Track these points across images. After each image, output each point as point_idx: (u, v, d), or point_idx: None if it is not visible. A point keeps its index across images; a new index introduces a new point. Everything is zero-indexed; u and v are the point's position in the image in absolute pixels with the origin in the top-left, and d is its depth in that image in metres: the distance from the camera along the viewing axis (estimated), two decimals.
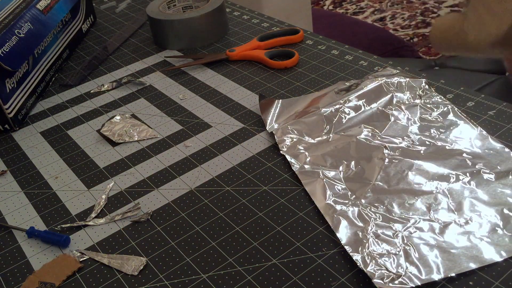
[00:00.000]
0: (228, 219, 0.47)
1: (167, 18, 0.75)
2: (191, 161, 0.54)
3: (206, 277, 0.42)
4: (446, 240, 0.41)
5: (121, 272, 0.43)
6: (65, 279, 0.43)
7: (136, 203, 0.50)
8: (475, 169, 0.47)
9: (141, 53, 0.79)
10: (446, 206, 0.44)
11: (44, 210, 0.51)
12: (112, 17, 0.93)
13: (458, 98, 0.57)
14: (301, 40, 0.75)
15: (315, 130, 0.55)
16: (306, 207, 0.47)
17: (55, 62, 0.75)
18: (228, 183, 0.51)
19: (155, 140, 0.59)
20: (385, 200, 0.45)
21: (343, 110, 0.56)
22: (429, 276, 0.38)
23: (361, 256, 0.40)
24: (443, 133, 0.52)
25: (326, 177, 0.49)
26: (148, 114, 0.64)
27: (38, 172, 0.56)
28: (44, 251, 0.46)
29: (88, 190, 0.53)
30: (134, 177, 0.53)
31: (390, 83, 0.58)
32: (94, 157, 0.57)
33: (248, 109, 0.62)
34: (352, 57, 0.69)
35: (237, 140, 0.57)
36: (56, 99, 0.70)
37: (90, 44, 0.84)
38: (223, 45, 0.77)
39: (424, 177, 0.47)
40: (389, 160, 0.49)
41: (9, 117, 0.62)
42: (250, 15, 0.85)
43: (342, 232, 0.43)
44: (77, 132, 0.62)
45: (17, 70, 0.64)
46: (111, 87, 0.70)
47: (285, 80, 0.66)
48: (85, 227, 0.48)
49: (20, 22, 0.66)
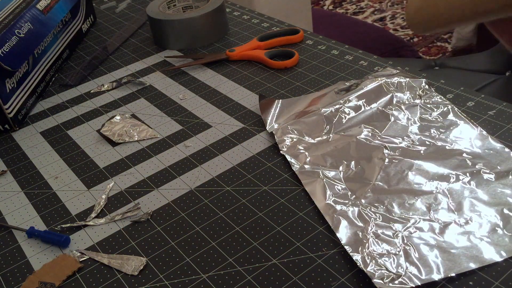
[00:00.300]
0: (228, 219, 0.47)
1: (167, 18, 0.75)
2: (191, 161, 0.54)
3: (206, 277, 0.42)
4: (446, 240, 0.41)
5: (121, 272, 0.43)
6: (65, 279, 0.43)
7: (136, 203, 0.50)
8: (475, 169, 0.47)
9: (141, 53, 0.79)
10: (446, 206, 0.44)
11: (44, 210, 0.51)
12: (112, 17, 0.93)
13: (458, 98, 0.57)
14: (301, 40, 0.75)
15: (315, 130, 0.55)
16: (306, 207, 0.47)
17: (55, 62, 0.75)
18: (228, 183, 0.51)
19: (155, 140, 0.59)
20: (385, 200, 0.45)
21: (343, 110, 0.56)
22: (429, 276, 0.38)
23: (361, 256, 0.40)
24: (443, 133, 0.52)
25: (326, 177, 0.49)
26: (148, 114, 0.64)
27: (38, 172, 0.56)
28: (44, 251, 0.46)
29: (88, 190, 0.53)
30: (134, 177, 0.53)
31: (390, 83, 0.58)
32: (94, 157, 0.57)
33: (248, 109, 0.62)
34: (352, 57, 0.69)
35: (237, 140, 0.57)
36: (56, 99, 0.70)
37: (90, 44, 0.84)
38: (223, 45, 0.77)
39: (424, 177, 0.47)
40: (389, 160, 0.49)
41: (9, 117, 0.62)
42: (250, 15, 0.85)
43: (342, 232, 0.43)
44: (77, 132, 0.62)
45: (17, 70, 0.64)
46: (111, 87, 0.70)
47: (285, 80, 0.66)
48: (85, 227, 0.48)
49: (20, 22, 0.66)
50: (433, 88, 0.59)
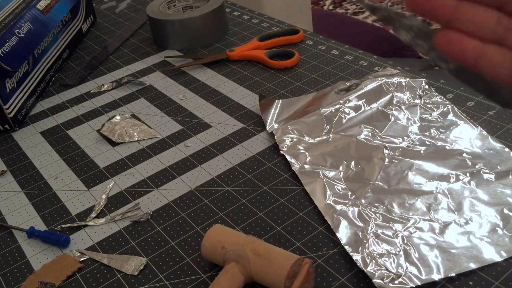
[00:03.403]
0: (228, 219, 0.47)
1: (167, 18, 0.75)
2: (191, 161, 0.54)
3: (206, 277, 0.42)
4: (446, 240, 0.41)
5: (121, 272, 0.43)
6: (65, 279, 0.43)
7: (136, 203, 0.50)
8: (475, 169, 0.47)
9: (141, 53, 0.79)
10: (446, 206, 0.44)
11: (44, 210, 0.51)
12: (112, 17, 0.93)
13: (458, 98, 0.57)
14: (301, 40, 0.75)
15: (315, 130, 0.55)
16: (306, 207, 0.47)
17: (55, 62, 0.75)
18: (228, 183, 0.51)
19: (155, 140, 0.59)
20: (385, 200, 0.45)
21: (343, 110, 0.56)
22: (429, 276, 0.38)
23: (361, 256, 0.40)
24: (443, 133, 0.52)
25: (326, 177, 0.49)
26: (148, 114, 0.64)
27: (38, 172, 0.56)
28: (44, 251, 0.46)
29: (88, 190, 0.53)
30: (134, 177, 0.53)
31: (390, 83, 0.58)
32: (94, 157, 0.57)
33: (248, 109, 0.62)
34: (352, 57, 0.69)
35: (237, 140, 0.57)
36: (56, 99, 0.70)
37: (90, 44, 0.84)
38: (223, 45, 0.77)
39: (424, 177, 0.47)
40: (389, 160, 0.49)
41: (9, 117, 0.62)
42: (250, 15, 0.85)
43: (342, 232, 0.43)
44: (77, 132, 0.62)
45: (17, 70, 0.64)
46: (111, 87, 0.70)
47: (285, 80, 0.66)
48: (85, 227, 0.48)
49: (20, 22, 0.66)
50: (433, 88, 0.59)
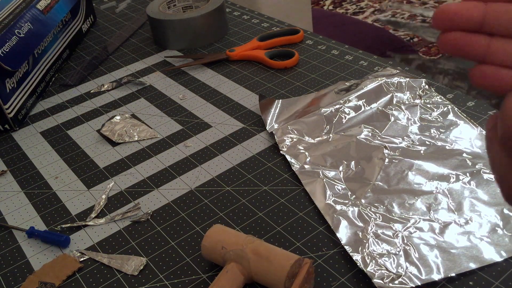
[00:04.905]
0: (228, 219, 0.47)
1: (167, 18, 0.75)
2: (191, 161, 0.54)
3: (206, 277, 0.42)
4: (446, 240, 0.41)
5: (121, 272, 0.43)
6: (65, 279, 0.43)
7: (136, 203, 0.50)
8: (475, 169, 0.47)
9: (141, 53, 0.79)
10: (446, 206, 0.44)
11: (44, 210, 0.51)
12: (112, 17, 0.93)
13: (458, 98, 0.57)
14: (301, 40, 0.75)
15: (315, 130, 0.55)
16: (306, 207, 0.47)
17: (55, 62, 0.75)
18: (228, 183, 0.51)
19: (155, 140, 0.59)
20: (385, 200, 0.45)
21: (343, 110, 0.56)
22: (429, 276, 0.38)
23: (361, 256, 0.40)
24: (443, 133, 0.52)
25: (326, 177, 0.49)
26: (148, 114, 0.64)
27: (38, 172, 0.56)
28: (44, 251, 0.46)
29: (88, 190, 0.53)
30: (134, 177, 0.53)
31: (390, 83, 0.58)
32: (94, 157, 0.57)
33: (248, 109, 0.62)
34: (352, 57, 0.69)
35: (237, 140, 0.57)
36: (56, 99, 0.70)
37: (90, 44, 0.84)
38: (223, 45, 0.77)
39: (424, 177, 0.47)
40: (389, 160, 0.49)
41: (9, 117, 0.62)
42: (250, 15, 0.85)
43: (342, 232, 0.43)
44: (77, 132, 0.62)
45: (17, 70, 0.64)
46: (111, 87, 0.70)
47: (285, 80, 0.66)
48: (85, 227, 0.48)
49: (20, 22, 0.66)
50: (433, 88, 0.59)
